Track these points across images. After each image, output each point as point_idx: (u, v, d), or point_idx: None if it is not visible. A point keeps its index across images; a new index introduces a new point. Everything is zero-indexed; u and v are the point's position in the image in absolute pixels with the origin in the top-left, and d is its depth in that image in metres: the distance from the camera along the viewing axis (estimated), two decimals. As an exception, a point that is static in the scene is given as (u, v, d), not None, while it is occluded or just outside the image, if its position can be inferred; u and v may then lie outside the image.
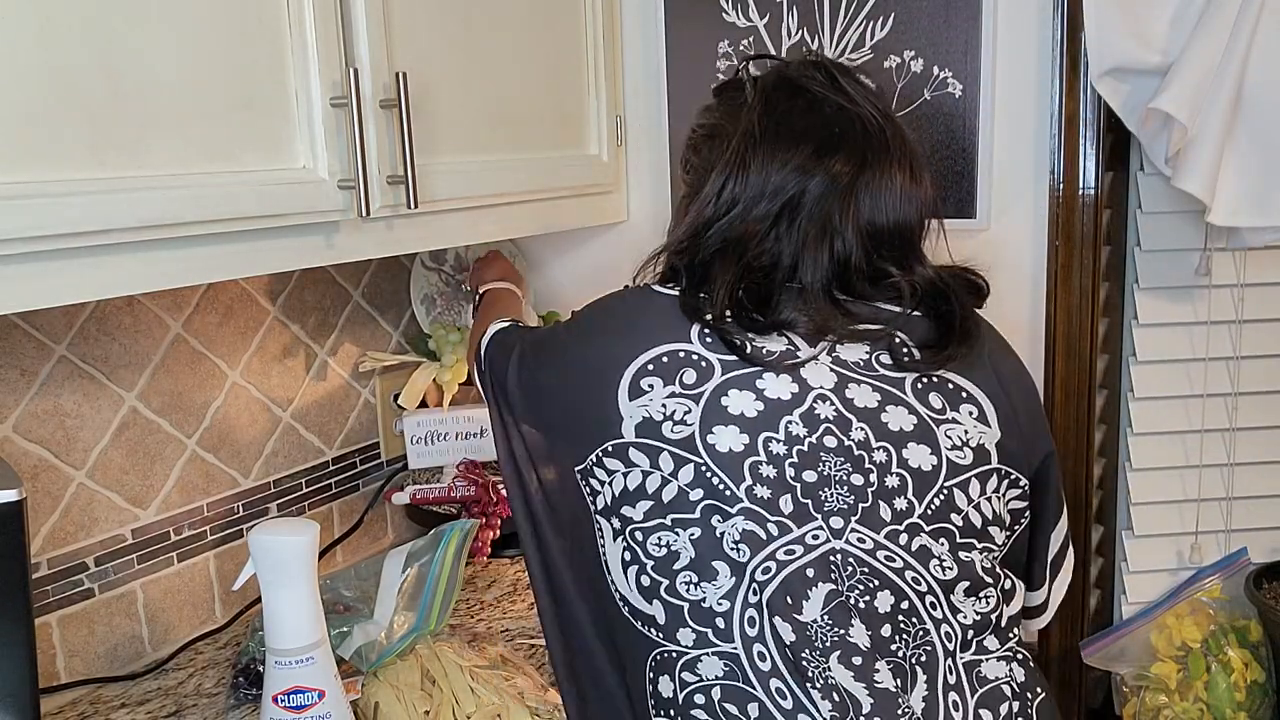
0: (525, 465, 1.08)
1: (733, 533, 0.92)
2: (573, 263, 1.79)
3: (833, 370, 0.97)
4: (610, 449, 0.97)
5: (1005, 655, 0.97)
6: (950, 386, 1.00)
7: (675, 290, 1.02)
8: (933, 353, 1.00)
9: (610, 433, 0.97)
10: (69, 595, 1.28)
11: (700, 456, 0.93)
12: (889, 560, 0.92)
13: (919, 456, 0.96)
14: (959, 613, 0.95)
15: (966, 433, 0.98)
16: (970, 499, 0.97)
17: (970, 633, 0.95)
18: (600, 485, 0.99)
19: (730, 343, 0.96)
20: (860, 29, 1.49)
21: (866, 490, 0.93)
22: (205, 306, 1.41)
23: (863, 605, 0.91)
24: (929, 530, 0.94)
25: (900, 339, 0.99)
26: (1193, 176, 1.29)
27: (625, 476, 0.97)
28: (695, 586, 0.93)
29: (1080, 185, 1.43)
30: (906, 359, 0.99)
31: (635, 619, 0.97)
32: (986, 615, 0.97)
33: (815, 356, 0.97)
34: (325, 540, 1.59)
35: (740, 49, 1.57)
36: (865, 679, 0.89)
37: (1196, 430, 1.51)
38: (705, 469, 0.93)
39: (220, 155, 1.00)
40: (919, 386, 0.99)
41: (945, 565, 0.94)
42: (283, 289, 1.52)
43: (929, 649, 0.93)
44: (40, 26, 0.85)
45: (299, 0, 1.05)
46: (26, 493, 0.96)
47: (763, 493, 0.92)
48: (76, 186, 0.88)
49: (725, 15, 1.56)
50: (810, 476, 0.93)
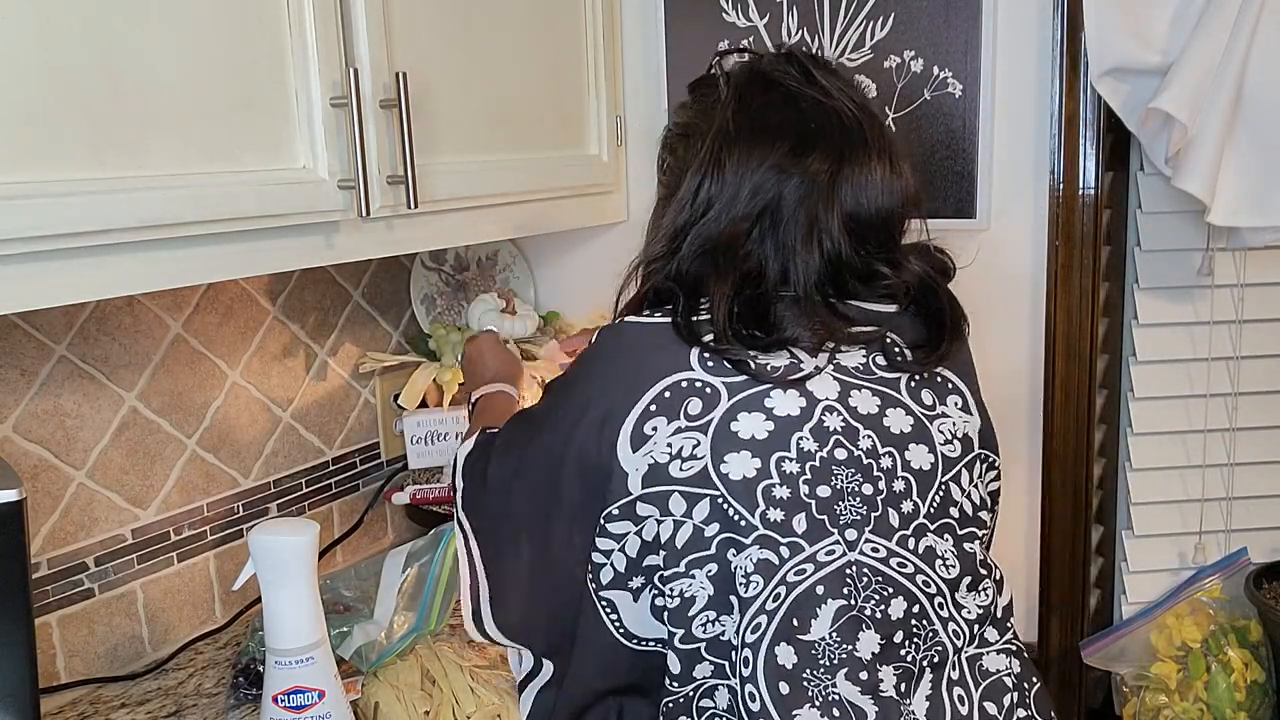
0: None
1: (746, 564, 0.90)
2: (573, 263, 1.79)
3: (835, 379, 0.95)
4: (616, 512, 0.94)
5: (1004, 648, 0.98)
6: (939, 380, 1.01)
7: (663, 317, 0.97)
8: (924, 352, 0.99)
9: (614, 494, 0.94)
10: (69, 595, 1.28)
11: (716, 489, 0.90)
12: (900, 566, 0.92)
13: (919, 457, 0.96)
14: (963, 609, 0.95)
15: (954, 425, 0.99)
16: (963, 489, 0.98)
17: (975, 627, 0.96)
18: (607, 555, 0.96)
19: (735, 362, 0.93)
20: (860, 29, 1.49)
21: (876, 499, 0.93)
22: (205, 306, 1.41)
23: (878, 615, 0.90)
24: (934, 529, 0.95)
25: (892, 339, 0.99)
26: (1193, 176, 1.29)
27: (639, 534, 0.94)
28: (714, 623, 0.92)
29: (1080, 185, 1.42)
30: (900, 359, 0.98)
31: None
32: (986, 608, 0.98)
33: (819, 367, 0.95)
34: (325, 540, 1.59)
35: (748, 47, 1.56)
36: (871, 689, 0.88)
37: (1197, 430, 1.51)
38: (721, 500, 0.90)
39: (220, 155, 1.00)
40: (912, 385, 0.99)
41: (948, 563, 0.95)
42: (283, 289, 1.52)
43: (939, 649, 0.93)
44: (40, 26, 0.85)
45: (299, 0, 1.05)
46: (26, 493, 0.97)
47: (776, 516, 0.90)
48: (76, 186, 0.88)
49: (725, 15, 1.56)
50: (824, 491, 0.91)
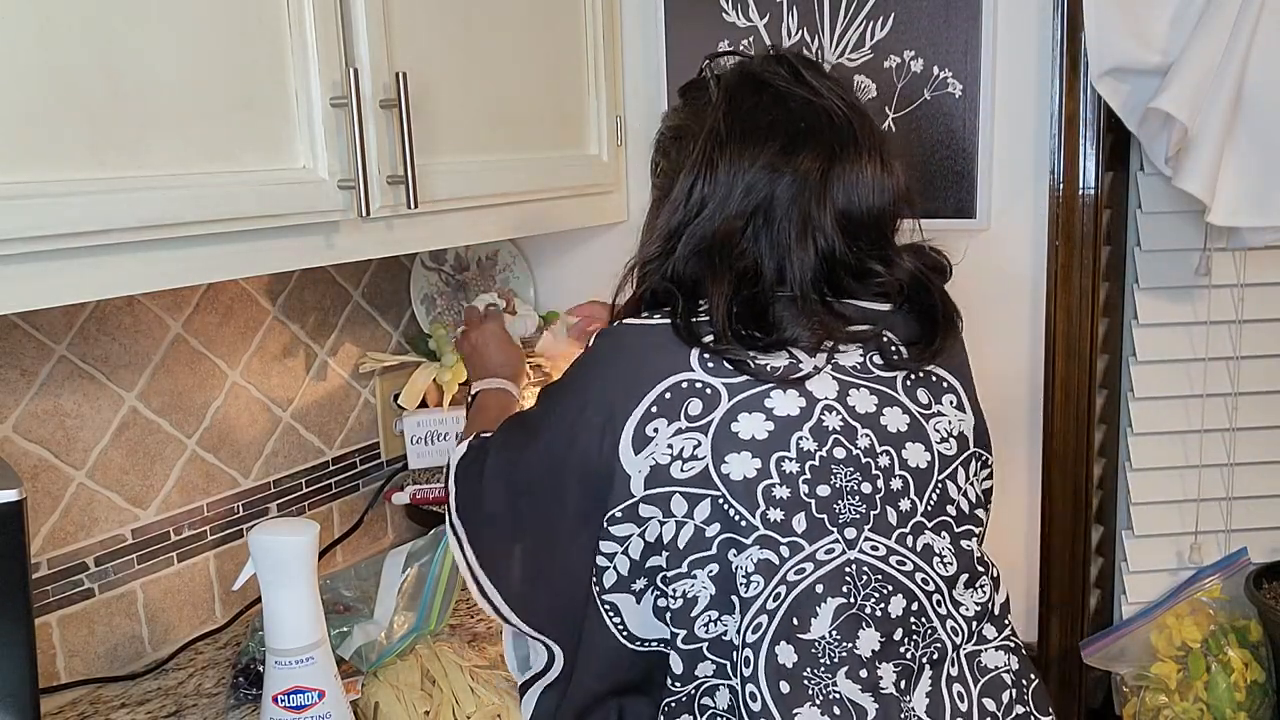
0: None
1: (747, 564, 0.90)
2: (573, 263, 1.79)
3: (834, 378, 0.96)
4: (619, 514, 0.94)
5: (1002, 644, 0.99)
6: (934, 379, 1.01)
7: (662, 319, 0.97)
8: (919, 350, 1.00)
9: (616, 497, 0.94)
10: (69, 595, 1.28)
11: (717, 489, 0.91)
12: (900, 564, 0.92)
13: (916, 455, 0.96)
14: (961, 606, 0.96)
15: (950, 424, 0.99)
16: (959, 487, 0.99)
17: (974, 624, 0.97)
18: (610, 558, 0.96)
19: (735, 362, 0.93)
20: (860, 29, 1.49)
21: (875, 497, 0.93)
22: (205, 306, 1.41)
23: (878, 614, 0.90)
24: (931, 527, 0.95)
25: (888, 338, 0.99)
26: (1193, 176, 1.29)
27: (642, 535, 0.94)
28: (716, 623, 0.92)
29: (1080, 185, 1.42)
30: (896, 358, 0.99)
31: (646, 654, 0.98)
32: (984, 605, 0.98)
33: (818, 367, 0.95)
34: (325, 540, 1.59)
35: (741, 49, 1.56)
36: (871, 687, 0.89)
37: (1196, 430, 1.51)
38: (722, 501, 0.91)
39: (220, 155, 1.00)
40: (908, 383, 0.99)
41: (946, 561, 0.95)
42: (283, 289, 1.52)
43: (939, 646, 0.93)
44: (40, 26, 0.85)
45: (299, 0, 1.05)
46: (26, 493, 0.97)
47: (776, 516, 0.90)
48: (76, 186, 0.88)
49: (725, 15, 1.56)
50: (824, 491, 0.92)
